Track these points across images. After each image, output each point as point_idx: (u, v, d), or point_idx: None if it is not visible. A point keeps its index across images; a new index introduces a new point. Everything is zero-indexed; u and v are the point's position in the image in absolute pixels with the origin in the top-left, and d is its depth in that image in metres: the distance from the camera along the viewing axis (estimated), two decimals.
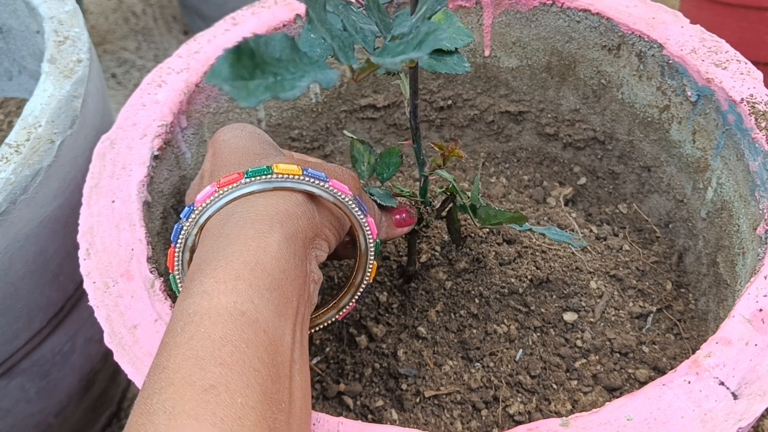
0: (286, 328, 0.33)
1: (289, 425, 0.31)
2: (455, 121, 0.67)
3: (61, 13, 0.64)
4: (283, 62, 0.31)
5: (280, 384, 0.31)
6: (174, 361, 0.30)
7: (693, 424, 0.34)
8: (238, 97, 0.29)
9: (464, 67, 0.40)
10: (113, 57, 1.41)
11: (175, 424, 0.27)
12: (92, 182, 0.49)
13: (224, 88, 0.29)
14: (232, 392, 0.29)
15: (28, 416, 0.64)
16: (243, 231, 0.35)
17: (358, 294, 0.43)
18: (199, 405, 0.28)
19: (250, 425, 0.28)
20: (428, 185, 0.48)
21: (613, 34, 0.56)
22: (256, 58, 0.30)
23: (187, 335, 0.31)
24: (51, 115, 0.55)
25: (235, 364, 0.30)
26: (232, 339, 0.30)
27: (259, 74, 0.30)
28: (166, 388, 0.29)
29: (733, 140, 0.49)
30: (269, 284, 0.33)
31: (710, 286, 0.53)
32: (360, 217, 0.40)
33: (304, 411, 0.34)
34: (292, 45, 0.31)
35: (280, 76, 0.30)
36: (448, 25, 0.41)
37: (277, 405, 0.31)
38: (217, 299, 0.32)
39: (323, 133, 0.65)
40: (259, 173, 0.37)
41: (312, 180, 0.38)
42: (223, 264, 0.33)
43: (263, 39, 0.30)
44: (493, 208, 0.47)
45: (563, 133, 0.64)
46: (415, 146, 0.44)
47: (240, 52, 0.29)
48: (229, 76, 0.29)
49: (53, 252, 0.58)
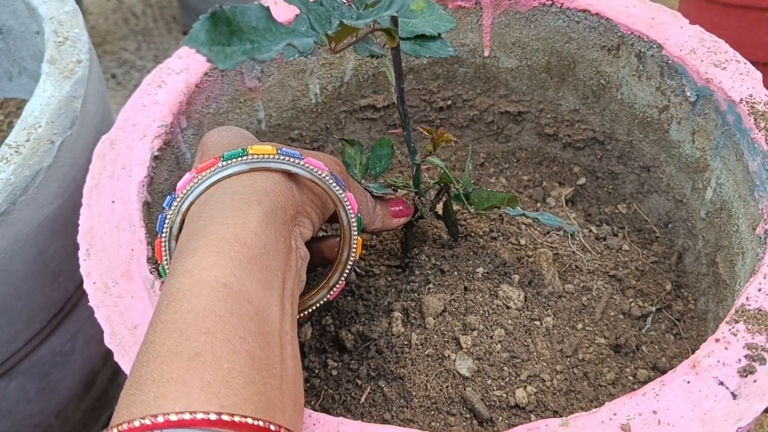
0: (273, 299, 0.34)
1: (281, 391, 0.32)
2: (455, 121, 0.67)
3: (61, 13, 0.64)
4: (259, 30, 0.32)
5: (270, 351, 0.32)
6: (160, 335, 0.30)
7: (692, 423, 0.34)
8: (216, 60, 0.30)
9: (447, 51, 0.41)
10: (113, 57, 1.41)
11: (164, 391, 0.28)
12: (92, 183, 0.49)
13: (202, 51, 0.30)
14: (218, 358, 0.29)
15: (28, 417, 0.64)
16: (222, 211, 0.36)
17: (346, 271, 0.44)
18: (186, 371, 0.29)
19: (238, 388, 0.29)
20: (421, 174, 0.48)
21: (612, 34, 0.56)
22: (233, 26, 0.31)
23: (172, 311, 0.31)
24: (51, 116, 0.55)
25: (220, 333, 0.30)
26: (215, 310, 0.31)
27: (236, 41, 0.31)
28: (154, 359, 0.30)
29: (732, 140, 0.49)
30: (250, 258, 0.34)
31: (709, 286, 0.53)
32: (338, 192, 0.41)
33: (297, 380, 0.34)
34: (268, 15, 0.32)
35: (257, 43, 0.31)
36: (430, 13, 0.42)
37: (267, 371, 0.31)
38: (199, 275, 0.32)
39: (323, 134, 0.65)
40: (235, 156, 0.38)
41: (286, 158, 0.39)
42: (203, 243, 0.34)
43: (239, 8, 0.31)
44: (486, 190, 0.48)
45: (563, 134, 0.64)
46: (405, 133, 0.44)
47: (216, 19, 0.30)
48: (206, 40, 0.30)
49: (53, 252, 0.58)
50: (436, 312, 0.48)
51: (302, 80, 0.62)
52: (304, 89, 0.62)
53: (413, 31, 0.41)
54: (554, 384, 0.46)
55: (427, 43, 0.41)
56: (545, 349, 0.47)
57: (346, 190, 0.42)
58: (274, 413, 0.30)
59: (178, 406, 0.27)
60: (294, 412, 0.33)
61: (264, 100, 0.60)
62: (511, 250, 0.52)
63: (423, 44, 0.41)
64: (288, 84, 0.61)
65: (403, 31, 0.41)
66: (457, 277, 0.50)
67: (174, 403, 0.27)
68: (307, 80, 0.62)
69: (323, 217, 0.43)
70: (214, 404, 0.28)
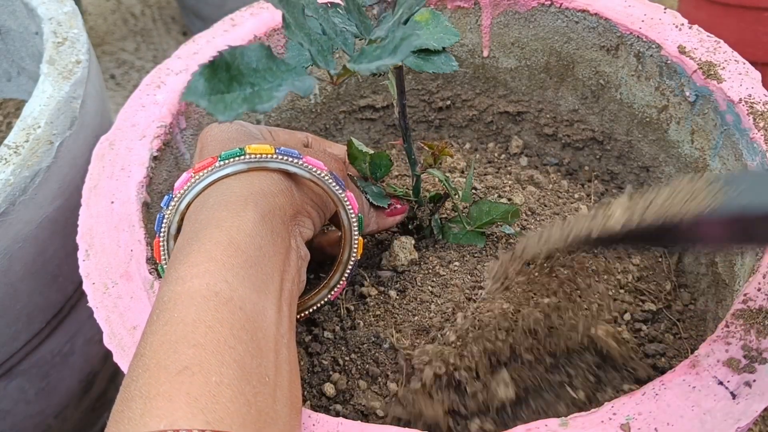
0: (268, 304, 0.34)
1: (274, 398, 0.31)
2: (454, 121, 0.67)
3: (60, 14, 0.64)
4: (259, 72, 0.31)
5: (263, 359, 0.32)
6: (150, 348, 0.30)
7: (692, 423, 0.34)
8: (215, 112, 0.29)
9: (452, 66, 0.40)
10: (112, 58, 1.41)
11: (150, 407, 0.28)
12: (91, 183, 0.49)
13: (201, 103, 0.29)
14: (206, 372, 0.29)
15: (28, 417, 0.64)
16: (217, 213, 0.35)
17: (347, 272, 0.44)
18: (173, 387, 0.28)
19: (225, 402, 0.29)
20: (420, 184, 0.48)
21: (611, 34, 0.56)
22: (232, 70, 0.30)
23: (162, 321, 0.31)
24: (50, 117, 0.55)
25: (209, 344, 0.30)
26: (205, 320, 0.31)
27: (236, 86, 0.30)
28: (142, 374, 0.29)
29: (731, 140, 0.49)
30: (244, 262, 0.33)
31: (709, 286, 0.53)
32: (338, 192, 0.41)
33: (293, 383, 0.34)
34: (268, 54, 0.32)
35: (258, 86, 0.31)
36: (435, 25, 0.41)
37: (258, 379, 0.31)
38: (190, 283, 0.32)
39: (322, 134, 0.65)
40: (232, 155, 0.38)
41: (285, 158, 0.39)
42: (197, 248, 0.34)
43: (238, 50, 0.30)
44: (487, 202, 0.47)
45: (562, 134, 0.64)
46: (406, 146, 0.44)
47: (215, 67, 0.29)
48: (205, 91, 0.29)
49: (52, 253, 0.58)
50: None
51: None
52: None
53: (417, 44, 0.40)
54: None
55: (431, 57, 0.40)
56: None
57: (346, 190, 0.41)
58: (265, 424, 0.30)
59: (163, 423, 0.27)
60: (289, 418, 0.33)
61: None
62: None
63: (427, 58, 0.40)
64: None
65: None
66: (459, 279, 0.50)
67: (159, 420, 0.27)
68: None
69: (324, 216, 0.42)
70: (200, 420, 0.27)
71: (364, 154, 0.46)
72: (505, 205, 0.46)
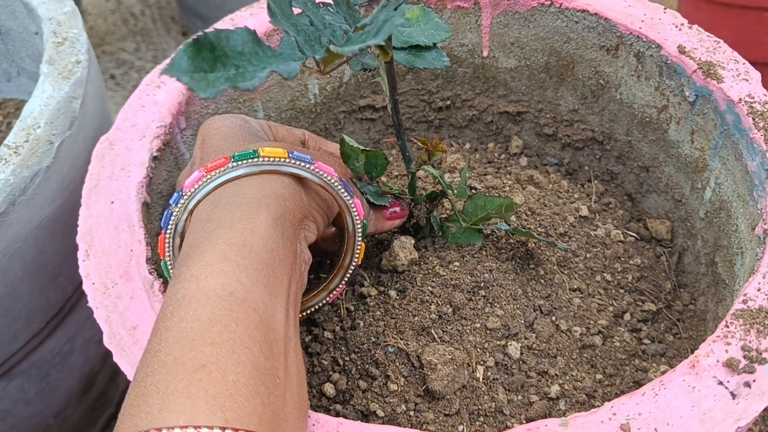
0: (278, 306, 0.34)
1: (284, 400, 0.32)
2: (454, 121, 0.67)
3: (60, 14, 0.64)
4: (245, 55, 0.31)
5: (274, 360, 0.32)
6: (165, 344, 0.30)
7: (692, 423, 0.34)
8: (197, 89, 0.29)
9: (443, 61, 0.41)
10: (112, 58, 1.41)
11: (168, 403, 0.28)
12: (91, 183, 0.49)
13: (183, 80, 0.29)
14: (223, 370, 0.29)
15: (27, 417, 0.64)
16: (230, 214, 0.35)
17: (347, 276, 0.44)
18: (191, 384, 0.29)
19: (242, 400, 0.29)
20: (416, 182, 0.48)
21: (611, 34, 0.56)
22: (217, 51, 0.30)
23: (177, 318, 0.31)
24: (50, 117, 0.55)
25: (225, 343, 0.30)
26: (221, 319, 0.31)
27: (220, 67, 0.30)
28: (159, 369, 0.29)
29: (731, 140, 0.49)
30: (257, 264, 0.34)
31: (709, 286, 0.53)
32: (346, 198, 0.41)
33: (301, 387, 0.34)
34: (254, 39, 0.32)
35: (242, 68, 0.31)
36: (425, 22, 0.42)
37: (271, 380, 0.31)
38: (205, 282, 0.32)
39: (322, 134, 0.65)
40: (246, 157, 0.38)
41: (297, 162, 0.39)
42: (210, 247, 0.34)
43: (224, 33, 0.31)
44: (482, 197, 0.47)
45: (562, 134, 0.64)
46: (400, 143, 0.44)
47: (199, 45, 0.30)
48: (188, 68, 0.29)
49: (52, 253, 0.58)
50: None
51: (301, 80, 0.62)
52: (303, 89, 0.62)
53: (407, 41, 0.40)
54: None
55: (422, 53, 0.40)
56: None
57: (353, 196, 0.41)
58: (278, 424, 0.30)
59: (183, 419, 0.27)
60: (298, 420, 0.33)
61: (263, 100, 0.60)
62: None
63: (418, 54, 0.40)
64: (287, 84, 0.61)
65: (397, 41, 0.40)
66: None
67: (179, 416, 0.27)
68: (306, 80, 0.62)
69: (327, 220, 0.42)
70: (219, 418, 0.28)
71: (357, 152, 0.46)
72: (499, 199, 0.46)
